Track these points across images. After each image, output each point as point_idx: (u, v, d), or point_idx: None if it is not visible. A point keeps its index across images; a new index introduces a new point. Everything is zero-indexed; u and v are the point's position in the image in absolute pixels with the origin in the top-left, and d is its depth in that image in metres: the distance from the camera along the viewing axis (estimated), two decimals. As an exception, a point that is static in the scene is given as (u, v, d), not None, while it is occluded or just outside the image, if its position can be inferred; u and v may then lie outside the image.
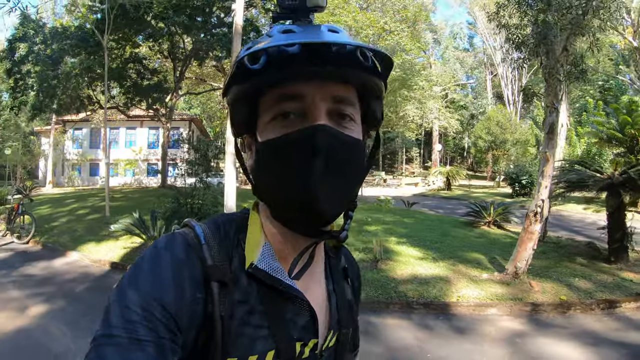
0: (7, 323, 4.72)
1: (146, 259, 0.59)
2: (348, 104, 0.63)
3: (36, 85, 12.84)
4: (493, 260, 6.90)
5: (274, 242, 0.67)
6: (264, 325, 0.62)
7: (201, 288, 0.58)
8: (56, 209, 13.94)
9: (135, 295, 0.53)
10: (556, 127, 6.27)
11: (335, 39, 0.56)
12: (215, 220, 0.68)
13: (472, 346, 4.16)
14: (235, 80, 0.60)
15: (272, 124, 0.61)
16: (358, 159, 0.64)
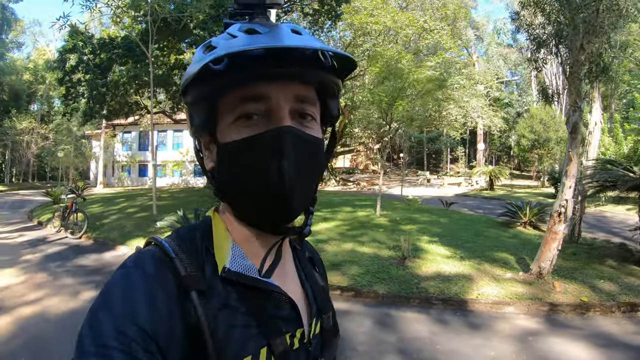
0: (61, 305, 5.36)
1: (116, 280, 0.57)
2: (309, 104, 0.64)
3: (86, 92, 13.69)
4: (521, 261, 6.90)
5: (242, 243, 0.68)
6: (250, 325, 0.63)
7: (176, 302, 0.57)
8: (107, 208, 14.95)
9: (108, 318, 0.52)
10: (579, 127, 6.21)
11: (299, 43, 0.57)
12: (178, 233, 0.68)
13: (483, 341, 4.28)
14: (197, 80, 0.60)
15: (235, 125, 0.62)
16: (319, 157, 0.67)
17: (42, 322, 4.79)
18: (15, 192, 28.00)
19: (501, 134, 40.94)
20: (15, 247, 9.15)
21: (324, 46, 0.59)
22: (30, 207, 17.22)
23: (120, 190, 25.19)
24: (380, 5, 23.32)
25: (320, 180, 0.72)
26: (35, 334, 4.45)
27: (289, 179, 0.59)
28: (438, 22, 25.03)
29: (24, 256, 8.19)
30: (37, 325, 4.68)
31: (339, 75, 0.67)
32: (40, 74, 39.95)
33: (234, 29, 0.62)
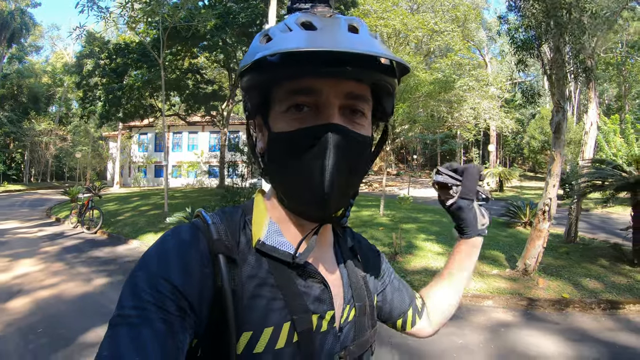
0: (75, 289, 5.92)
1: (154, 246, 0.62)
2: (361, 101, 0.65)
3: (103, 96, 14.27)
4: (511, 258, 7.12)
5: (280, 222, 0.70)
6: (277, 298, 0.63)
7: (209, 263, 0.60)
8: (122, 206, 15.61)
9: (144, 276, 0.56)
10: (563, 127, 6.40)
11: (353, 46, 0.55)
12: (223, 209, 0.71)
13: (455, 330, 4.53)
14: (253, 68, 0.61)
15: (286, 114, 0.63)
16: (366, 155, 0.67)
17: (58, 303, 5.36)
18: (34, 192, 28.96)
19: (515, 136, 40.66)
20: (35, 240, 9.76)
21: (379, 52, 0.57)
22: (48, 205, 17.98)
23: (136, 190, 25.90)
24: (390, 8, 23.44)
25: (367, 173, 0.72)
26: (51, 311, 5.02)
27: (331, 176, 0.60)
28: (449, 24, 25.06)
29: (43, 248, 8.79)
30: (53, 305, 5.25)
31: (395, 75, 0.66)
32: (59, 77, 41.06)
33: (291, 20, 0.61)
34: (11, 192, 28.24)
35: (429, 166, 51.67)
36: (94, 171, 36.53)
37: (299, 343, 0.64)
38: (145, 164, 33.50)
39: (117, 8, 9.91)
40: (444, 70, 21.70)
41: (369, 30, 0.62)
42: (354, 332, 0.73)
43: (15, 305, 5.19)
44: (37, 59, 46.36)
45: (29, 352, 3.91)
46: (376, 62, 0.62)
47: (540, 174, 37.34)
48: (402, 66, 0.64)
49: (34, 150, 38.50)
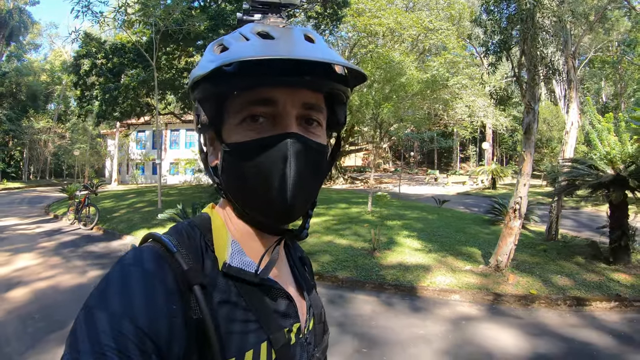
0: (71, 281, 6.35)
1: (113, 277, 0.55)
2: (316, 110, 0.65)
3: (100, 95, 14.55)
4: (487, 255, 7.20)
5: (240, 240, 0.68)
6: (250, 319, 0.63)
7: (177, 298, 0.56)
8: (118, 203, 15.91)
9: (104, 316, 0.50)
10: (533, 128, 6.59)
11: (312, 55, 0.56)
12: (177, 229, 0.67)
13: (418, 322, 4.81)
14: (206, 79, 0.59)
15: (241, 126, 0.62)
16: (323, 163, 0.67)
17: (54, 293, 5.77)
18: (32, 189, 29.38)
19: (512, 133, 40.74)
20: (33, 236, 10.11)
21: (337, 60, 0.58)
22: (47, 202, 18.35)
23: (133, 187, 26.23)
24: (384, 7, 23.54)
25: (323, 183, 0.72)
26: (48, 300, 5.45)
27: (292, 185, 0.60)
28: (443, 22, 25.16)
29: (41, 244, 9.17)
30: (50, 295, 5.67)
31: (348, 84, 0.67)
32: (57, 74, 41.40)
33: (246, 29, 0.62)
34: (10, 190, 28.62)
35: (426, 163, 51.82)
36: (92, 169, 36.81)
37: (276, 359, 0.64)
38: (143, 162, 33.81)
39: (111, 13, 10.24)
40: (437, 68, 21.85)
41: (324, 41, 0.64)
42: (315, 339, 0.76)
43: (14, 295, 5.61)
44: (36, 57, 46.78)
45: (27, 335, 4.31)
46: (332, 71, 0.64)
47: (537, 171, 37.49)
48: (359, 74, 0.65)
49: (32, 148, 38.86)
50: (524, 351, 4.14)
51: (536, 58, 6.54)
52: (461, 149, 48.71)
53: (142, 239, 0.66)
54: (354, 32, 25.66)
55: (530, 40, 6.26)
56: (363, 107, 13.87)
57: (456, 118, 30.36)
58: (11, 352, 3.95)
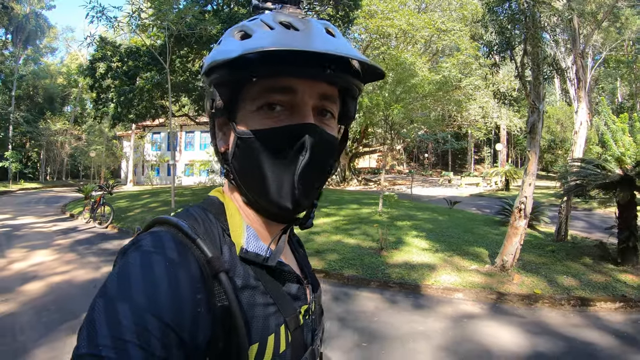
0: (85, 275, 6.62)
1: (135, 264, 0.52)
2: (332, 102, 0.66)
3: (115, 98, 14.86)
4: (494, 255, 7.18)
5: (252, 225, 0.69)
6: (269, 303, 0.63)
7: (201, 287, 0.54)
8: (132, 203, 16.31)
9: (127, 310, 0.47)
10: (537, 127, 6.59)
11: (334, 49, 0.56)
12: (188, 213, 0.66)
13: (419, 318, 4.87)
14: (226, 64, 0.58)
15: (257, 113, 0.62)
16: (333, 155, 0.68)
17: (69, 286, 6.03)
18: (49, 189, 30.14)
19: (526, 135, 40.16)
20: (50, 234, 10.44)
21: (358, 55, 0.59)
22: (63, 202, 18.86)
23: (148, 188, 26.74)
24: (396, 9, 23.53)
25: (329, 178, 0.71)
26: (62, 293, 5.71)
27: (305, 176, 0.61)
28: (456, 23, 25.05)
29: (57, 241, 9.49)
30: (64, 288, 5.94)
31: (362, 80, 0.68)
32: (73, 77, 42.08)
33: (269, 17, 0.62)
34: (28, 190, 29.40)
35: (441, 165, 51.60)
36: (108, 170, 37.43)
37: (292, 342, 0.66)
38: (158, 163, 34.32)
39: (125, 17, 10.52)
40: (450, 69, 21.75)
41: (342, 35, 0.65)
42: (317, 318, 0.77)
43: (30, 288, 5.87)
44: (52, 61, 47.96)
45: (41, 325, 4.53)
46: (350, 65, 0.64)
47: (553, 173, 37.06)
48: (376, 71, 0.66)
49: (49, 149, 39.79)
50: (523, 349, 4.17)
51: (539, 57, 6.55)
52: (476, 150, 48.43)
53: (150, 222, 0.63)
54: (367, 34, 25.67)
55: (531, 39, 6.28)
56: (374, 107, 13.91)
57: (470, 119, 30.17)
58: (26, 341, 4.15)
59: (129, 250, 0.56)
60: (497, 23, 6.57)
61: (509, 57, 7.01)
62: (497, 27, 6.58)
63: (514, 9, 6.31)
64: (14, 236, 10.03)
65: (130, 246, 0.57)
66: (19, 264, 7.24)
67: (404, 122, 14.01)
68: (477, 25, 29.81)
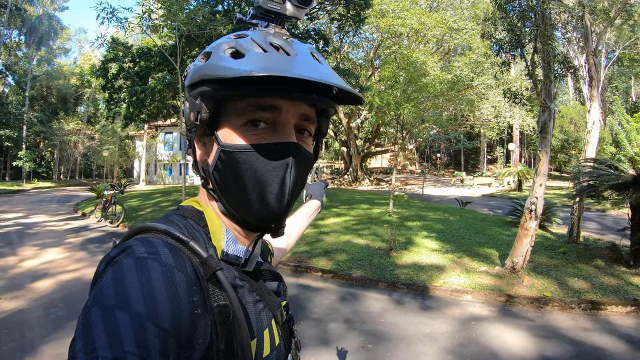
0: None
1: (130, 270, 0.52)
2: (310, 122, 0.69)
3: (127, 98, 15.02)
4: (504, 256, 7.10)
5: (230, 230, 0.71)
6: (257, 300, 0.67)
7: (198, 289, 0.55)
8: (144, 202, 16.47)
9: (127, 319, 0.47)
10: (548, 126, 6.50)
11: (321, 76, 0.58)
12: (167, 220, 0.68)
13: (426, 320, 4.83)
14: (225, 80, 0.59)
15: (242, 128, 0.64)
16: (309, 171, 0.71)
17: (78, 284, 6.10)
18: (62, 189, 30.44)
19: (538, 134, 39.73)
20: (61, 232, 10.57)
21: (342, 84, 0.61)
22: (76, 201, 19.14)
23: (160, 187, 26.95)
24: (408, 8, 23.44)
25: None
26: (72, 290, 5.79)
27: (289, 192, 0.64)
28: (468, 22, 24.87)
29: (68, 239, 9.60)
30: (74, 285, 6.02)
31: (339, 102, 0.71)
32: (86, 78, 42.69)
33: (260, 38, 0.64)
34: (41, 189, 29.71)
35: (453, 165, 51.32)
36: (120, 169, 37.87)
37: (282, 335, 0.71)
38: (170, 162, 34.58)
39: (136, 18, 10.62)
40: (461, 68, 21.57)
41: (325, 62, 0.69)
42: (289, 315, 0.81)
43: (40, 285, 5.97)
44: (66, 61, 48.60)
45: (50, 322, 4.61)
46: (330, 92, 0.67)
47: (566, 173, 36.61)
48: (354, 97, 0.68)
49: (63, 149, 40.16)
50: (530, 353, 4.12)
51: (549, 55, 6.46)
52: (488, 150, 48.03)
53: (133, 231, 0.63)
54: (378, 33, 25.59)
55: (541, 37, 6.20)
56: (385, 107, 13.87)
57: (482, 119, 29.93)
58: (34, 337, 4.21)
59: (119, 256, 0.55)
60: (507, 21, 6.51)
61: (520, 55, 6.92)
62: (507, 25, 6.52)
63: (524, 6, 6.23)
64: (26, 234, 10.17)
65: (120, 253, 0.56)
66: (30, 261, 7.34)
67: (416, 122, 13.89)
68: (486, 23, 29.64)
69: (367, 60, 28.91)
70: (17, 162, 32.25)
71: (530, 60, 6.56)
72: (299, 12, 0.70)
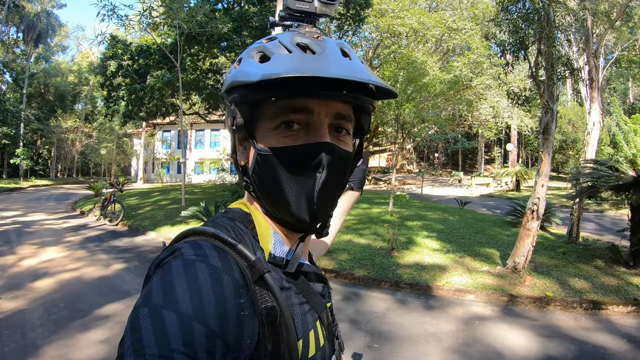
0: (95, 273, 6.68)
1: (178, 272, 0.53)
2: (346, 120, 0.68)
3: (126, 96, 15.00)
4: (505, 256, 7.16)
5: (277, 231, 0.72)
6: (303, 301, 0.67)
7: (244, 292, 0.56)
8: (142, 200, 16.43)
9: (174, 318, 0.48)
10: (551, 128, 6.50)
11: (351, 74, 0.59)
12: (217, 223, 0.68)
13: (430, 320, 4.85)
14: (251, 85, 0.60)
15: (276, 131, 0.65)
16: (348, 170, 0.71)
17: (78, 283, 6.10)
18: (60, 187, 30.42)
19: (537, 135, 39.86)
20: (60, 231, 10.55)
21: (373, 79, 0.60)
22: (74, 199, 19.08)
23: (158, 186, 26.93)
24: (407, 7, 23.46)
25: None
26: (72, 290, 5.77)
27: (322, 192, 0.64)
28: (467, 22, 24.90)
29: (67, 238, 9.59)
30: (74, 285, 6.00)
31: (376, 97, 0.71)
32: (84, 75, 42.71)
33: (286, 39, 0.65)
34: (38, 187, 29.61)
35: (451, 165, 51.41)
36: (118, 167, 37.78)
37: (328, 336, 0.71)
38: (168, 161, 34.53)
39: (136, 16, 10.61)
40: (460, 69, 21.60)
41: (357, 55, 0.67)
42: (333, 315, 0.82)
43: (41, 284, 5.93)
44: (64, 59, 48.80)
45: (51, 322, 4.57)
46: (364, 86, 0.66)
47: (564, 173, 36.71)
48: (389, 91, 0.67)
49: (60, 146, 40.25)
50: (534, 352, 4.14)
51: (553, 57, 6.47)
52: (486, 150, 48.14)
53: (181, 234, 0.65)
54: (377, 33, 25.60)
55: (546, 39, 6.21)
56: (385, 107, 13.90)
57: (480, 119, 29.98)
58: (36, 338, 4.18)
59: (168, 259, 0.57)
60: (511, 22, 6.51)
61: (523, 57, 6.92)
62: (511, 26, 6.52)
63: (528, 7, 6.24)
64: (25, 233, 10.13)
65: (168, 255, 0.58)
66: (29, 260, 7.31)
67: (415, 122, 13.89)
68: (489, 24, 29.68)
69: (366, 59, 28.92)
70: (14, 159, 32.13)
71: (534, 62, 6.56)
72: (328, 8, 0.70)
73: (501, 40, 7.10)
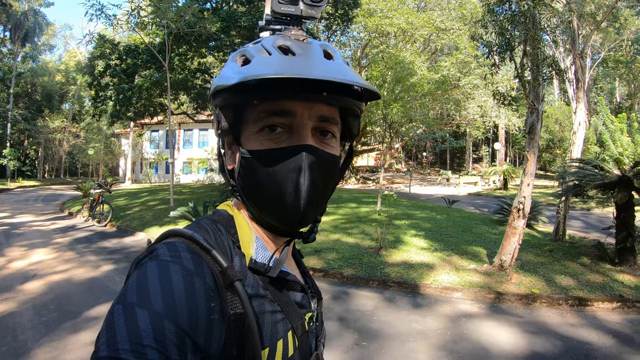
0: (84, 274, 6.64)
1: (152, 272, 0.55)
2: (331, 123, 0.68)
3: (114, 96, 14.87)
4: (492, 254, 7.20)
5: (260, 236, 0.73)
6: (276, 310, 0.67)
7: (215, 296, 0.57)
8: (131, 201, 16.28)
9: (146, 316, 0.50)
10: (536, 128, 6.60)
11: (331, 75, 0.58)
12: (200, 225, 0.69)
13: (418, 317, 4.91)
14: (229, 89, 0.61)
15: (259, 134, 0.65)
16: (334, 173, 0.71)
17: (68, 285, 6.07)
18: (48, 187, 30.09)
19: (525, 134, 40.14)
20: (48, 232, 10.45)
21: (354, 80, 0.60)
22: (62, 200, 18.91)
23: (146, 186, 26.70)
24: (395, 7, 23.56)
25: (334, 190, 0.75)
26: (62, 292, 5.74)
27: (305, 194, 0.64)
28: (455, 22, 25.06)
29: (56, 239, 9.50)
30: (63, 287, 5.97)
31: (363, 99, 0.70)
32: (72, 75, 42.25)
33: (269, 42, 0.65)
34: (26, 188, 29.26)
35: (439, 164, 51.71)
36: (106, 167, 37.47)
37: (300, 347, 0.70)
38: (156, 161, 34.32)
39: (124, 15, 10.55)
40: (448, 68, 21.76)
41: (341, 56, 0.68)
42: (320, 326, 0.82)
43: (30, 287, 5.89)
44: (51, 58, 48.08)
45: (41, 324, 4.55)
46: (348, 87, 0.65)
47: (551, 172, 37.08)
48: (373, 92, 0.67)
49: (47, 147, 39.82)
50: (520, 348, 4.20)
51: (539, 58, 6.57)
52: (474, 149, 48.49)
53: (162, 235, 0.66)
54: (366, 33, 25.68)
55: (531, 40, 6.30)
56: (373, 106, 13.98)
57: (468, 118, 30.15)
58: (26, 340, 4.17)
59: (145, 259, 0.59)
60: (498, 24, 6.60)
61: (509, 58, 7.01)
62: (497, 28, 6.61)
63: (514, 9, 6.33)
64: (13, 234, 10.02)
65: (146, 255, 0.59)
66: (18, 262, 7.25)
67: (403, 121, 13.98)
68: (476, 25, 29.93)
69: (355, 59, 29.01)
70: (1, 160, 31.66)
71: (519, 62, 6.65)
72: (314, 11, 0.70)
73: (488, 42, 7.19)
